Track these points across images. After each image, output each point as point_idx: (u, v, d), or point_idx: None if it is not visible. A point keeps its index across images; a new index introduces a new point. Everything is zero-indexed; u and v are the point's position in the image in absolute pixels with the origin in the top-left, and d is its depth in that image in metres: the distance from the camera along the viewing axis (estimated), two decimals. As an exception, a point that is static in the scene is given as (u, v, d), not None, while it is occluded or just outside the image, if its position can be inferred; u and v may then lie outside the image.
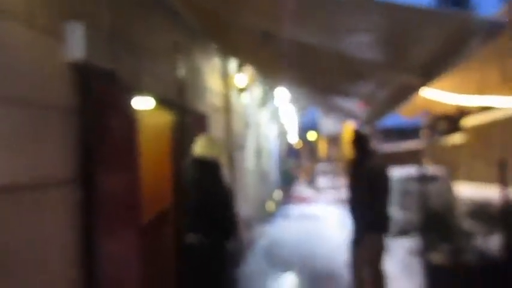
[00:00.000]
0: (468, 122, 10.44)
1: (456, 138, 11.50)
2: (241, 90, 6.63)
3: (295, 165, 25.96)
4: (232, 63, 6.64)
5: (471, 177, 10.12)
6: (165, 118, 4.49)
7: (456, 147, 11.44)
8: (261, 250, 8.43)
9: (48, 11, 2.47)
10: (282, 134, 20.97)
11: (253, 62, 5.92)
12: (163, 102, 4.21)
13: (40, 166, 2.34)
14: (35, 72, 2.34)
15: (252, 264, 7.29)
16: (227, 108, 6.58)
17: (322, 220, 12.44)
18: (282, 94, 11.15)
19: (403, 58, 3.34)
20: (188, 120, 4.62)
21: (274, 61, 4.87)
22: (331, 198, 17.40)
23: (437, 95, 4.95)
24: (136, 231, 3.12)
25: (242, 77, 6.49)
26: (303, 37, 3.63)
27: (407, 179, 8.60)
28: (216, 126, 5.97)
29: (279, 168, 17.69)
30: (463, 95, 5.00)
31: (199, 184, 3.89)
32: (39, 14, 2.39)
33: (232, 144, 6.76)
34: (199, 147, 4.03)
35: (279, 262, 7.44)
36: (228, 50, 5.38)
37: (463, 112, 12.55)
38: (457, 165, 10.60)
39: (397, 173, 8.84)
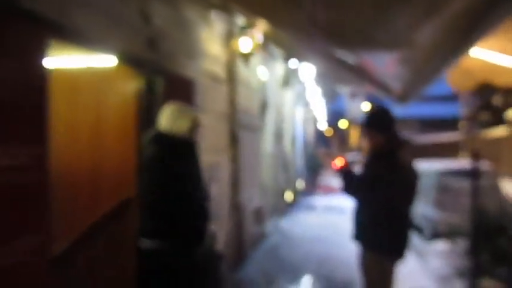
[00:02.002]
0: (513, 113, 9.42)
1: (499, 131, 10.55)
2: (245, 56, 5.46)
3: (324, 152, 24.62)
4: (239, 24, 5.47)
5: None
6: (131, 81, 3.40)
7: (499, 141, 10.52)
8: (269, 250, 7.24)
9: None
10: (311, 119, 19.66)
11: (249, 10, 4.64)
12: (125, 58, 3.11)
13: None
14: None
15: (254, 268, 6.11)
16: (231, 79, 5.43)
17: (348, 214, 11.17)
18: (308, 72, 9.90)
19: None
20: (163, 84, 3.52)
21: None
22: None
23: (502, 60, 3.67)
24: (43, 236, 2.05)
25: (246, 40, 5.30)
26: None
27: (445, 174, 7.32)
28: (214, 99, 4.85)
29: (305, 154, 16.41)
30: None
31: (158, 168, 2.79)
32: None
33: (236, 122, 5.62)
34: (164, 119, 2.93)
35: (288, 266, 6.25)
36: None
37: (508, 103, 11.40)
38: (499, 160, 9.50)
39: (433, 166, 7.55)
